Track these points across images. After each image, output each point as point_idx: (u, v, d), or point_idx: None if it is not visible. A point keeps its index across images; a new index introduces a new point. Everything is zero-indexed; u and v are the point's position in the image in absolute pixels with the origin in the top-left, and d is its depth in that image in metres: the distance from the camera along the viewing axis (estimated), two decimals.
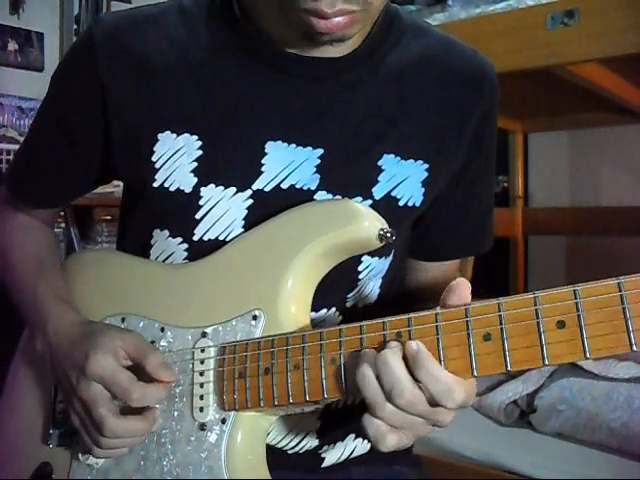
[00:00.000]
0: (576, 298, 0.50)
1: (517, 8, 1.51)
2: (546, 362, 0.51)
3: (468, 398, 0.56)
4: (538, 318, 0.51)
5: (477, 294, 0.97)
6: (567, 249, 2.69)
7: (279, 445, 0.76)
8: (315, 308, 0.71)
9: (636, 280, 0.49)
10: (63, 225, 2.16)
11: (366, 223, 0.65)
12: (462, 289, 0.57)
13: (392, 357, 0.55)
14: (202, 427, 0.67)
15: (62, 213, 2.11)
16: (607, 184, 2.55)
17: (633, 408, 1.45)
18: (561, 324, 0.51)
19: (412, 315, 0.57)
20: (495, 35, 1.50)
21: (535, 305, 0.52)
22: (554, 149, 2.71)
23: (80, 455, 0.73)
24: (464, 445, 1.55)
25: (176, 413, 0.69)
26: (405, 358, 0.55)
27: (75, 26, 2.59)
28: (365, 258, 0.75)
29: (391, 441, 0.56)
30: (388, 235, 0.64)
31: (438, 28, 0.82)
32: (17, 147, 0.93)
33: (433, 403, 0.55)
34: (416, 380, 0.54)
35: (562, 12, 1.41)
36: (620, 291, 0.49)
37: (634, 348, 0.48)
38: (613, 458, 1.42)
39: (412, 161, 0.74)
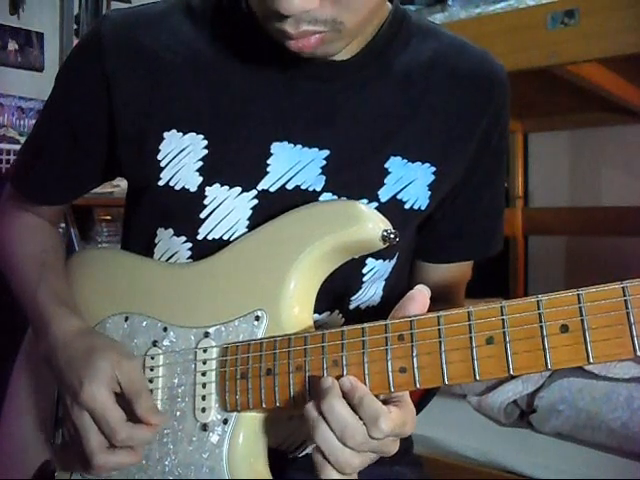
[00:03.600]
0: (580, 302, 0.50)
1: (517, 8, 1.50)
2: (549, 367, 0.51)
3: (402, 427, 0.56)
4: (541, 322, 0.51)
5: (477, 294, 0.97)
6: (567, 249, 2.69)
7: (280, 449, 0.76)
8: (318, 310, 0.71)
9: None
10: (63, 225, 2.16)
11: (370, 224, 0.65)
12: (422, 297, 0.58)
13: (336, 403, 0.56)
14: (204, 427, 0.67)
15: (63, 214, 2.11)
16: (607, 184, 2.55)
17: (633, 408, 1.44)
18: (564, 328, 0.50)
19: (414, 317, 0.57)
20: (495, 35, 1.50)
21: (538, 309, 0.52)
22: (554, 149, 2.71)
23: None
24: (464, 445, 1.54)
25: (178, 413, 0.69)
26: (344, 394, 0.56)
27: (75, 26, 2.58)
28: (369, 261, 0.75)
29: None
30: (391, 236, 0.64)
31: None
32: (17, 147, 0.93)
33: None
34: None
35: (562, 12, 1.41)
36: (625, 296, 0.48)
37: (638, 353, 0.47)
38: (613, 458, 1.42)
39: (419, 164, 0.74)
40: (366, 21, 0.64)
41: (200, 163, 0.72)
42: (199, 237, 0.73)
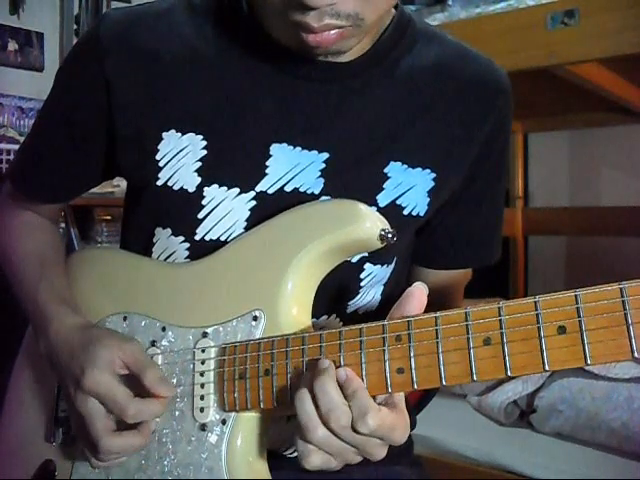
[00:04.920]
0: (577, 303, 0.50)
1: (517, 8, 1.51)
2: (546, 368, 0.51)
3: (391, 431, 0.56)
4: (539, 323, 0.51)
5: (477, 294, 0.97)
6: (567, 249, 2.69)
7: (279, 450, 0.76)
8: (316, 315, 0.71)
9: (639, 285, 0.48)
10: (63, 225, 2.16)
11: (368, 223, 0.65)
12: (420, 294, 0.58)
13: (329, 383, 0.56)
14: (203, 427, 0.67)
15: (62, 213, 2.11)
16: (607, 184, 2.55)
17: (633, 408, 1.45)
18: (562, 329, 0.50)
19: (412, 318, 0.57)
20: (495, 35, 1.50)
21: (536, 310, 0.51)
22: (554, 149, 2.71)
23: (82, 455, 0.73)
24: (464, 445, 1.55)
25: (177, 413, 0.69)
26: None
27: (75, 26, 2.59)
28: (367, 266, 0.75)
29: (316, 460, 0.57)
30: (389, 236, 0.64)
31: (438, 28, 0.82)
32: (17, 147, 0.93)
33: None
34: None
35: (562, 12, 1.41)
36: (622, 297, 0.48)
37: (635, 355, 0.47)
38: (613, 458, 1.42)
39: (419, 170, 0.74)
40: (383, 18, 0.65)
41: (199, 164, 0.72)
42: (197, 237, 0.73)
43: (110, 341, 0.69)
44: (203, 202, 0.72)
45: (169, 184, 0.73)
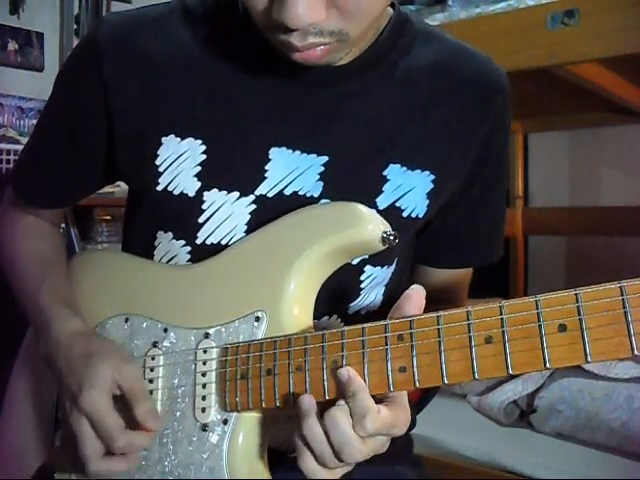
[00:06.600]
0: (578, 302, 0.50)
1: (517, 8, 1.51)
2: (547, 365, 0.51)
3: (390, 429, 0.57)
4: (540, 321, 0.51)
5: (477, 294, 0.97)
6: (567, 249, 2.69)
7: (280, 449, 0.76)
8: (317, 316, 0.71)
9: (638, 284, 0.48)
10: (63, 225, 2.16)
11: (370, 225, 0.65)
12: (418, 296, 0.58)
13: (341, 416, 0.56)
14: (204, 428, 0.67)
15: (64, 216, 2.11)
16: (607, 184, 2.55)
17: (633, 408, 1.45)
18: (562, 327, 0.51)
19: (413, 317, 0.57)
20: (495, 35, 1.50)
21: (537, 308, 0.52)
22: (554, 149, 2.71)
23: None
24: (464, 445, 1.55)
25: (178, 413, 0.69)
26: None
27: (75, 26, 2.58)
28: (368, 267, 0.75)
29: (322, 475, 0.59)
30: (391, 238, 0.64)
31: (438, 28, 0.81)
32: (17, 147, 0.94)
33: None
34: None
35: (562, 12, 1.41)
36: (622, 295, 0.49)
37: (635, 352, 0.48)
38: (613, 458, 1.42)
39: (419, 171, 0.74)
40: (369, 29, 0.65)
41: (198, 168, 0.72)
42: (198, 241, 0.73)
43: (110, 358, 0.69)
44: (203, 206, 0.72)
45: (169, 189, 0.73)
